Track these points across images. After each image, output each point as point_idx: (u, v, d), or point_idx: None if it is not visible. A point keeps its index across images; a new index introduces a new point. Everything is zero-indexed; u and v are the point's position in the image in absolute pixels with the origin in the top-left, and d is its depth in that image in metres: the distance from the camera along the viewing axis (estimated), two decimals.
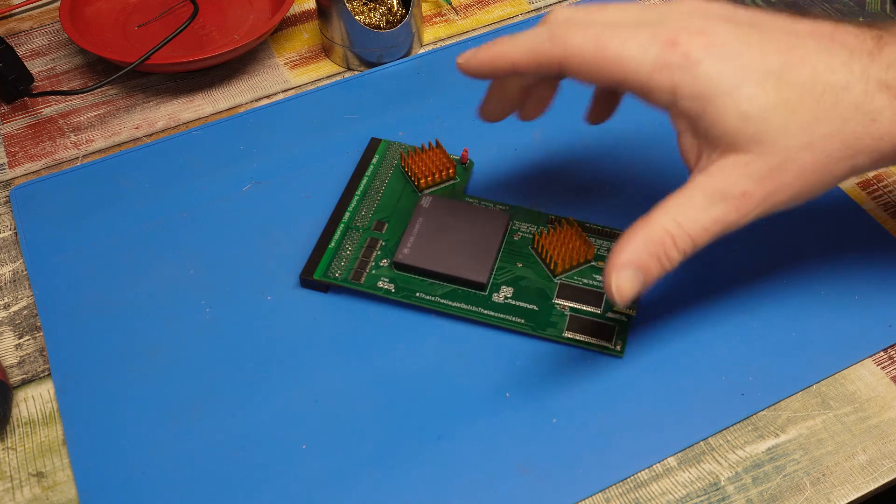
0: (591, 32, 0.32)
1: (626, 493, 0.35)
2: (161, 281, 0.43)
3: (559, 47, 0.33)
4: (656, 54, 0.31)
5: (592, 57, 0.32)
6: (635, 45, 0.32)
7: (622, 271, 0.32)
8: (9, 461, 0.37)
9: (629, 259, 0.32)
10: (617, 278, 0.32)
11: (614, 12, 0.34)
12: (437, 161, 0.45)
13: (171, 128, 0.52)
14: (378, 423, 0.37)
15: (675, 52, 0.31)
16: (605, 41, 0.32)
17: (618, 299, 0.32)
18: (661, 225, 0.32)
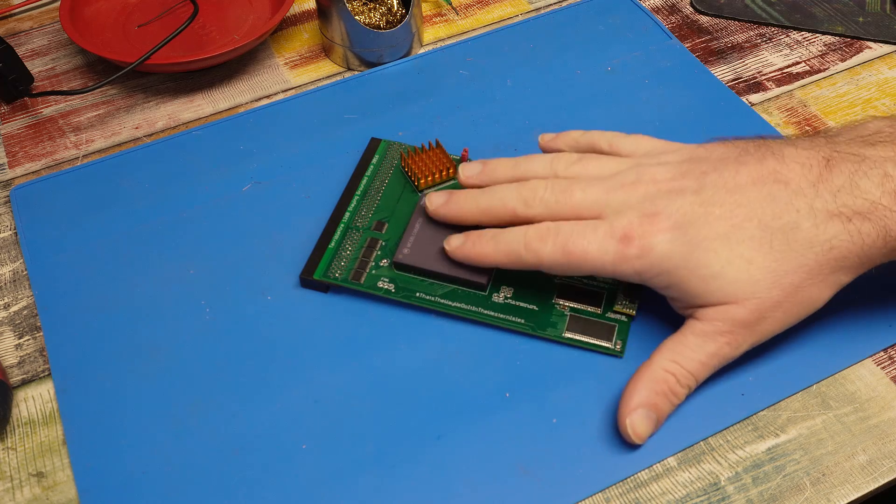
0: (560, 240, 0.36)
1: (626, 493, 0.35)
2: (161, 281, 0.43)
3: (533, 257, 0.37)
4: (614, 250, 0.35)
5: (563, 262, 0.36)
6: (596, 247, 0.36)
7: (634, 414, 0.35)
8: (9, 461, 0.37)
9: (639, 401, 0.35)
10: (631, 421, 0.35)
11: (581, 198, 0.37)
12: (437, 161, 0.45)
13: (171, 128, 0.52)
14: (378, 423, 0.37)
15: (630, 245, 0.35)
16: (571, 247, 0.36)
17: (635, 440, 0.35)
18: (662, 367, 0.36)
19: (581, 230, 0.36)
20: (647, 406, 0.35)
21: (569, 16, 0.56)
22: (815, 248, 0.34)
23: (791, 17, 0.56)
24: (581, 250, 0.36)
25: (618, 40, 0.54)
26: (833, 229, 0.33)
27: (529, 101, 0.51)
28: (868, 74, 0.52)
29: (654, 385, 0.35)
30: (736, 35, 0.55)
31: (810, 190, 0.34)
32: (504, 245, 0.38)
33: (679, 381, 0.35)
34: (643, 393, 0.35)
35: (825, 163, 0.34)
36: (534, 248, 0.37)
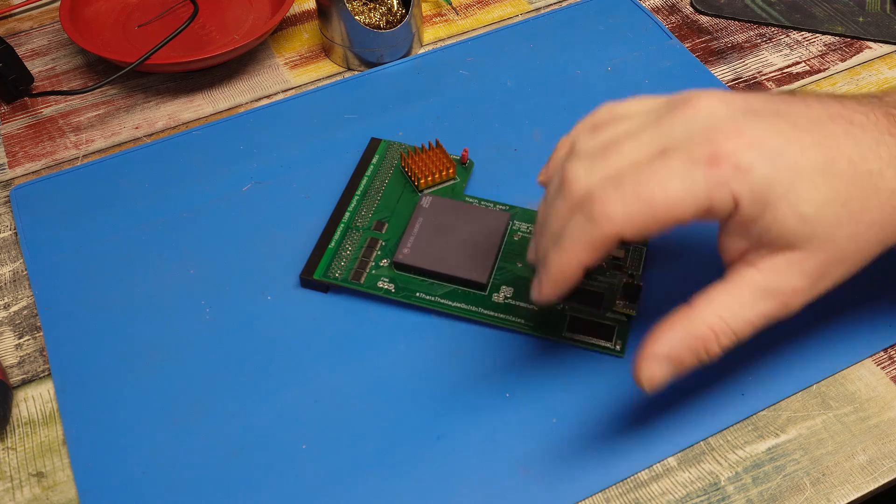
0: (628, 191, 0.29)
1: (626, 493, 0.35)
2: (161, 281, 0.43)
3: (607, 226, 0.29)
4: (705, 177, 0.29)
5: (645, 217, 0.29)
6: (679, 184, 0.29)
7: (656, 362, 0.31)
8: (9, 461, 0.37)
9: (666, 352, 0.31)
10: (649, 368, 0.31)
11: (632, 148, 0.30)
12: (437, 161, 0.45)
13: (171, 128, 0.52)
14: (378, 423, 0.37)
15: (721, 168, 0.29)
16: (648, 192, 0.29)
17: (646, 388, 0.31)
18: (706, 321, 0.31)
19: (648, 170, 0.29)
20: (672, 359, 0.31)
21: (569, 16, 0.56)
22: (894, 200, 0.30)
23: (791, 17, 0.56)
24: (662, 191, 0.29)
25: (618, 40, 0.54)
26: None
27: (529, 101, 0.51)
28: (868, 74, 0.52)
29: (689, 339, 0.31)
30: (736, 35, 0.55)
31: (888, 139, 0.30)
32: (569, 240, 0.31)
33: (719, 341, 0.31)
34: (674, 344, 0.31)
35: (888, 117, 0.31)
36: (601, 213, 0.29)
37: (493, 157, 0.48)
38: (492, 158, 0.47)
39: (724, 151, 0.29)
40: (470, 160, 0.47)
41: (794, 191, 0.29)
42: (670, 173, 0.29)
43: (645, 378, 0.31)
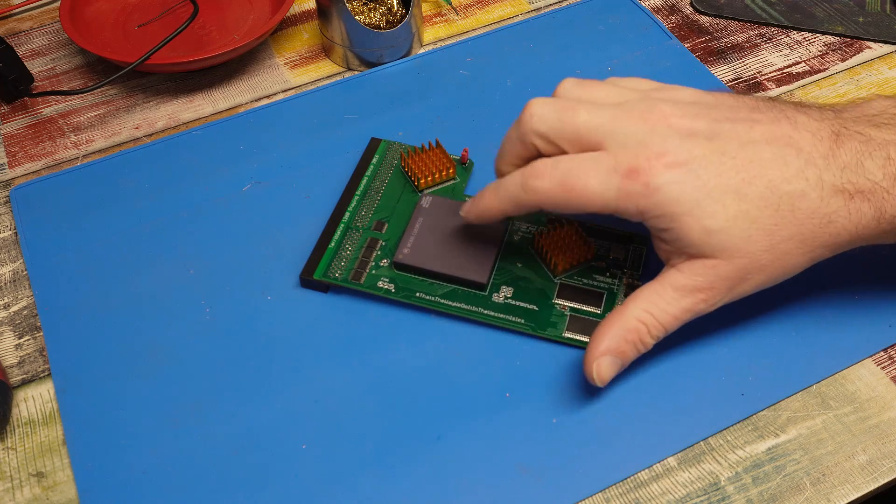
0: (557, 175, 0.35)
1: (626, 493, 0.35)
2: (161, 281, 0.43)
3: (532, 196, 0.36)
4: (618, 186, 0.34)
5: (562, 199, 0.35)
6: (597, 182, 0.34)
7: (602, 359, 0.35)
8: (9, 461, 0.37)
9: (607, 347, 0.35)
10: (598, 366, 0.35)
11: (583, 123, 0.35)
12: (437, 161, 0.45)
13: (171, 128, 0.52)
14: (378, 423, 0.37)
15: (635, 181, 0.33)
16: (570, 182, 0.34)
17: (598, 383, 0.36)
18: (635, 316, 0.35)
19: (580, 163, 0.35)
20: (614, 353, 0.35)
21: (569, 16, 0.56)
22: (815, 219, 0.33)
23: (791, 17, 0.56)
24: (581, 185, 0.34)
25: (618, 40, 0.54)
26: (836, 204, 0.33)
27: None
28: (868, 74, 0.52)
29: (624, 333, 0.35)
30: (736, 35, 0.55)
31: (821, 161, 0.33)
32: (503, 191, 0.37)
33: (650, 332, 0.35)
34: (613, 340, 0.35)
35: (835, 137, 0.34)
36: (531, 185, 0.35)
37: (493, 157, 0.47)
38: (492, 158, 0.47)
39: (641, 168, 0.33)
40: (470, 160, 0.47)
41: (700, 208, 0.33)
42: (595, 172, 0.34)
43: (595, 375, 0.35)
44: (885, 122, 0.35)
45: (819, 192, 0.33)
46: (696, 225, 0.33)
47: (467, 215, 0.40)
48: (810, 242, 0.34)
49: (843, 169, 0.33)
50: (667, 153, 0.34)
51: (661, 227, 0.34)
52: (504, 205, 0.37)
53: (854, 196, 0.33)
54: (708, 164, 0.33)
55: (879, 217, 0.34)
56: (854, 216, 0.34)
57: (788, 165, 0.33)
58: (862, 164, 0.33)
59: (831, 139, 0.34)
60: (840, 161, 0.33)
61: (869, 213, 0.33)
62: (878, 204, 0.33)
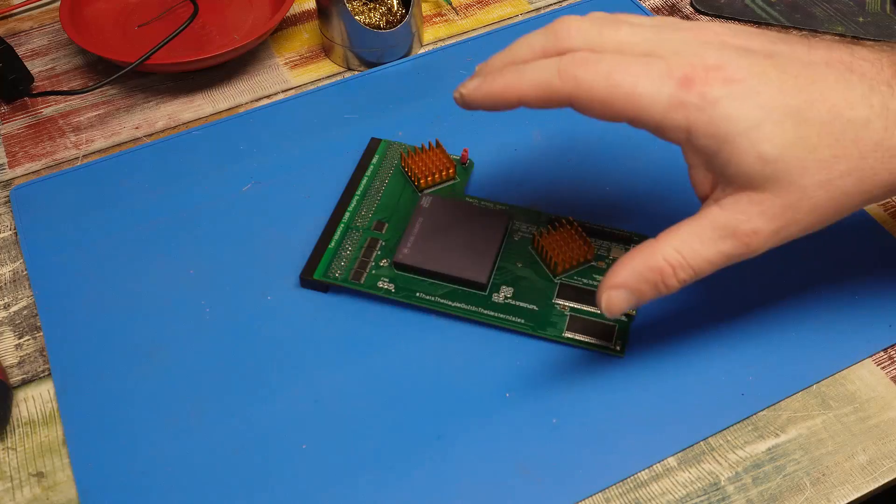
0: (603, 68, 0.31)
1: (626, 493, 0.35)
2: (161, 281, 0.43)
3: (569, 84, 0.31)
4: (670, 92, 0.30)
5: (604, 96, 0.31)
6: (649, 83, 0.30)
7: (615, 291, 0.33)
8: (9, 461, 0.37)
9: (624, 281, 0.32)
10: (609, 297, 0.33)
11: (627, 35, 0.32)
12: (437, 161, 0.45)
13: (171, 128, 0.52)
14: (378, 423, 0.37)
15: (691, 90, 0.30)
16: (618, 77, 0.30)
17: (607, 314, 0.33)
18: (664, 254, 0.32)
19: (631, 61, 0.30)
20: (631, 289, 0.32)
21: None
22: (879, 152, 0.30)
23: (791, 17, 0.56)
24: (630, 84, 0.30)
25: None
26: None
27: None
28: None
29: (646, 271, 0.32)
30: None
31: (885, 88, 0.30)
32: (531, 73, 0.32)
33: (676, 274, 0.32)
34: (632, 275, 0.32)
35: (891, 66, 0.31)
36: (571, 73, 0.31)
37: (493, 157, 0.48)
38: (492, 158, 0.47)
39: (698, 77, 0.30)
40: (470, 160, 0.47)
41: (758, 130, 0.30)
42: (646, 73, 0.30)
43: (605, 306, 0.33)
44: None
45: (884, 121, 0.30)
46: (752, 150, 0.30)
47: (472, 92, 0.33)
48: (870, 180, 0.31)
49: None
50: (724, 66, 0.30)
51: (710, 149, 0.30)
52: (527, 88, 0.32)
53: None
54: (768, 80, 0.30)
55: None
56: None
57: (852, 90, 0.30)
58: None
59: (892, 68, 0.31)
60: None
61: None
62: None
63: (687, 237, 0.32)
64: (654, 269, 0.32)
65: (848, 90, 0.30)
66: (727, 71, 0.30)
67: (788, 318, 0.40)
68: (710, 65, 0.30)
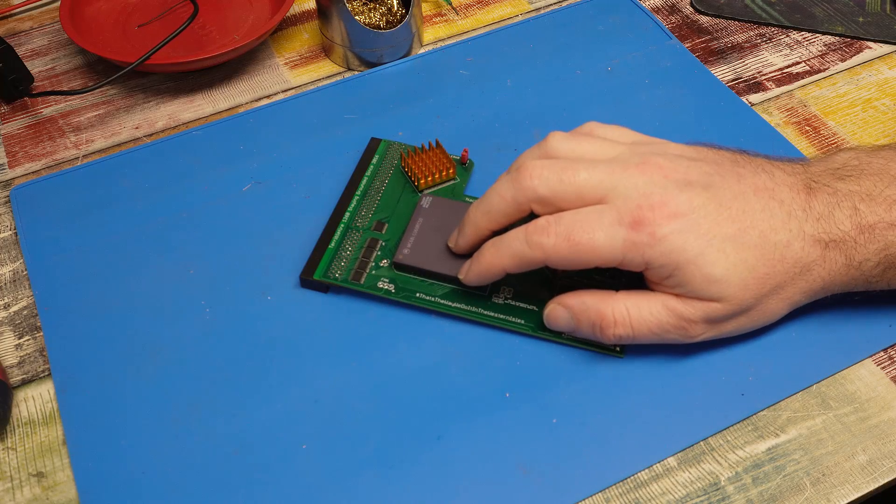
0: (562, 230, 0.35)
1: (626, 493, 0.35)
2: (161, 281, 0.43)
3: (538, 251, 0.36)
4: (624, 237, 0.35)
5: (568, 254, 0.35)
6: (603, 234, 0.35)
7: (560, 308, 0.37)
8: (9, 461, 0.37)
9: (572, 305, 0.37)
10: (554, 308, 0.38)
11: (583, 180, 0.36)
12: (437, 161, 0.45)
13: (171, 128, 0.52)
14: (378, 423, 0.37)
15: (641, 232, 0.34)
16: (576, 237, 0.35)
17: (545, 321, 0.38)
18: (614, 307, 0.36)
19: (585, 218, 0.35)
20: (573, 316, 0.37)
21: (569, 16, 0.56)
22: (798, 267, 0.35)
23: (791, 17, 0.56)
24: (588, 238, 0.35)
25: (618, 40, 0.54)
26: (814, 253, 0.35)
27: (529, 101, 0.51)
28: (868, 74, 0.52)
29: (593, 311, 0.37)
30: (736, 35, 0.55)
31: (801, 214, 0.36)
32: (506, 248, 0.37)
33: (615, 327, 0.36)
34: (582, 306, 0.37)
35: (807, 190, 0.36)
36: (536, 241, 0.36)
37: (493, 157, 0.48)
38: (492, 158, 0.47)
39: (646, 219, 0.34)
40: (470, 160, 0.47)
41: (703, 256, 0.34)
42: (600, 224, 0.35)
43: (546, 313, 0.38)
44: (847, 175, 0.37)
45: (801, 242, 0.35)
46: (699, 273, 0.34)
47: (467, 277, 0.39)
48: (790, 290, 0.36)
49: (818, 220, 0.35)
50: (668, 203, 0.35)
51: (664, 275, 0.35)
52: (507, 262, 0.37)
53: (828, 245, 0.35)
54: (707, 213, 0.35)
55: (849, 264, 0.36)
56: (828, 264, 0.36)
57: (774, 217, 0.35)
58: (833, 215, 0.35)
59: (805, 192, 0.36)
60: (815, 213, 0.36)
61: (840, 260, 0.36)
62: (847, 252, 0.35)
63: (639, 302, 0.36)
64: (598, 313, 0.36)
65: (772, 218, 0.35)
66: (671, 207, 0.35)
67: (788, 318, 0.40)
68: (656, 203, 0.35)
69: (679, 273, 0.35)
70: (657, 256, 0.34)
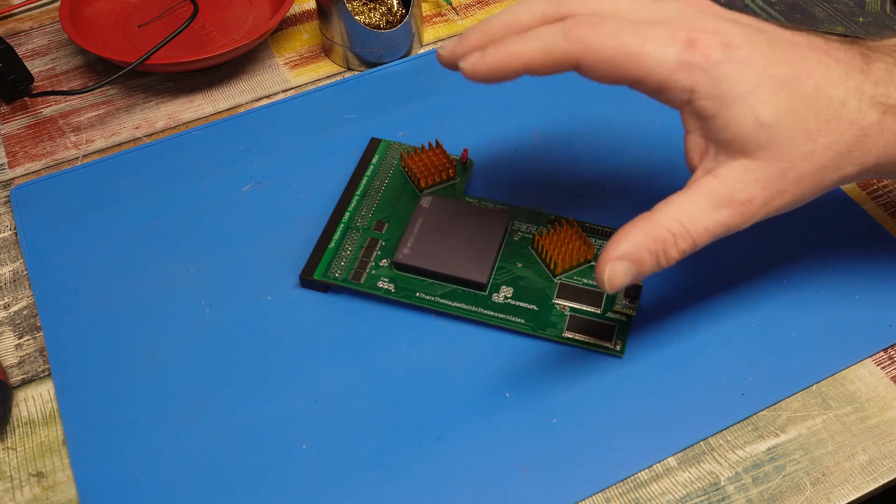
0: (609, 29, 0.31)
1: (626, 493, 0.35)
2: (161, 281, 0.43)
3: (576, 46, 0.31)
4: (676, 53, 0.31)
5: (612, 56, 0.31)
6: (654, 44, 0.31)
7: (617, 263, 0.32)
8: (9, 461, 0.37)
9: (626, 252, 0.32)
10: (611, 269, 0.32)
11: (626, 4, 0.33)
12: (437, 161, 0.45)
13: (171, 128, 0.52)
14: (378, 423, 0.37)
15: (695, 51, 0.31)
16: (625, 38, 0.31)
17: (608, 288, 0.33)
18: (664, 224, 0.32)
19: (635, 24, 0.32)
20: (632, 260, 0.32)
21: None
22: (854, 130, 0.32)
23: (791, 17, 0.56)
24: (637, 45, 0.31)
25: None
26: (872, 117, 0.32)
27: (529, 101, 0.51)
28: None
29: (648, 241, 0.32)
30: None
31: (858, 74, 0.33)
32: (536, 40, 0.32)
33: (677, 244, 0.32)
34: (634, 245, 0.32)
35: (864, 57, 0.33)
36: (578, 35, 0.31)
37: (493, 157, 0.48)
38: (492, 158, 0.47)
39: (701, 40, 0.31)
40: (470, 160, 0.47)
41: (755, 95, 0.31)
42: (652, 36, 0.31)
43: (607, 278, 0.32)
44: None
45: (859, 101, 0.32)
46: (749, 113, 0.31)
47: (475, 65, 0.33)
48: (845, 156, 0.32)
49: (876, 83, 0.33)
50: (722, 32, 0.31)
51: (710, 111, 0.32)
52: (532, 54, 0.32)
53: (887, 111, 0.32)
54: (763, 51, 0.32)
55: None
56: (885, 134, 0.33)
57: (832, 71, 0.32)
58: (893, 79, 0.33)
59: (862, 57, 0.33)
60: (874, 76, 0.33)
61: None
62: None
63: (686, 207, 0.32)
64: (656, 239, 0.32)
65: (829, 71, 0.32)
66: (725, 37, 0.31)
67: (788, 318, 0.40)
68: (710, 30, 0.31)
69: (726, 112, 0.31)
70: (708, 85, 0.31)
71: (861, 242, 0.43)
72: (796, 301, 0.40)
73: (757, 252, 0.42)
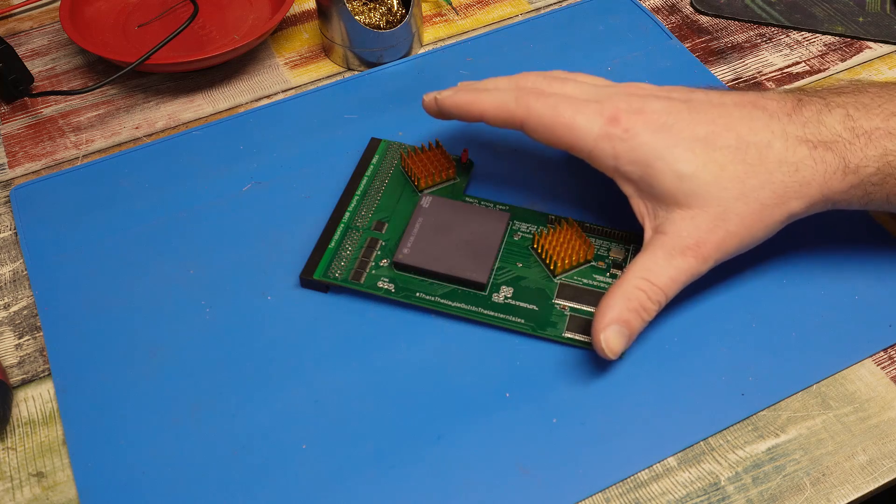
0: (550, 101, 0.38)
1: (626, 493, 0.35)
2: (161, 281, 0.43)
3: (522, 109, 0.38)
4: (600, 126, 0.37)
5: (549, 122, 0.38)
6: (584, 118, 0.37)
7: (608, 330, 0.36)
8: (9, 461, 0.37)
9: (612, 318, 0.36)
10: (605, 337, 0.36)
11: (572, 87, 0.39)
12: (437, 161, 0.45)
13: (171, 128, 0.52)
14: (378, 423, 0.37)
15: (616, 126, 0.37)
16: (560, 110, 0.38)
17: (609, 355, 0.36)
18: (634, 284, 0.36)
19: (572, 100, 0.38)
20: (619, 322, 0.36)
21: (569, 16, 0.56)
22: (784, 167, 0.35)
23: (791, 17, 0.56)
24: (570, 116, 0.37)
25: (618, 40, 0.54)
26: (801, 153, 0.35)
27: None
28: (868, 74, 0.52)
29: (625, 302, 0.36)
30: (736, 35, 0.55)
31: (785, 118, 0.36)
32: (493, 97, 0.39)
33: (650, 298, 0.36)
34: (615, 310, 0.36)
35: (797, 101, 0.37)
36: (525, 101, 0.38)
37: (493, 157, 0.48)
38: (492, 158, 0.47)
39: (623, 117, 0.37)
40: (470, 160, 0.47)
41: (671, 154, 0.36)
42: (584, 110, 0.37)
43: (605, 346, 0.36)
44: (843, 91, 0.37)
45: (784, 141, 0.35)
46: (668, 169, 0.36)
47: (440, 99, 0.41)
48: (782, 193, 0.35)
49: (804, 124, 0.36)
50: (645, 110, 0.37)
51: (636, 174, 0.37)
52: (488, 108, 0.39)
53: (817, 146, 0.35)
54: (680, 118, 0.36)
55: (845, 167, 0.35)
56: (820, 165, 0.35)
57: (755, 120, 0.36)
58: (822, 119, 0.36)
59: (794, 103, 0.37)
60: (802, 117, 0.36)
61: (834, 162, 0.35)
62: (841, 153, 0.35)
63: (647, 265, 0.36)
64: (631, 298, 0.36)
65: (751, 121, 0.36)
66: (646, 114, 0.37)
67: (788, 317, 0.40)
68: (633, 109, 0.37)
69: (649, 171, 0.36)
70: (627, 151, 0.36)
71: (861, 242, 0.43)
72: (796, 301, 0.40)
73: (756, 252, 0.42)
